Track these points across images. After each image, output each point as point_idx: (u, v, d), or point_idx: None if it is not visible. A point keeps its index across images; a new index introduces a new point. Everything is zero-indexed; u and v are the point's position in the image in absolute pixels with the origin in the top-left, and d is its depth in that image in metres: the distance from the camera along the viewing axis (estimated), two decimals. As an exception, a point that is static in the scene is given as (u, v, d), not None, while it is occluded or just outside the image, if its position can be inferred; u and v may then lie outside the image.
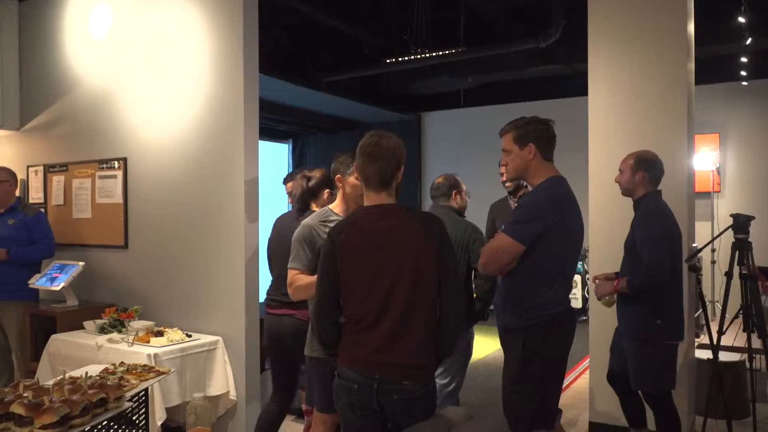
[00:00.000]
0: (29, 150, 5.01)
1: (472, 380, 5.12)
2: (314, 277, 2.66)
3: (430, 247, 2.14)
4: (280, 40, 6.81)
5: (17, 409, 1.70)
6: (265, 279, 3.98)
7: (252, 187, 3.81)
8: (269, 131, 9.18)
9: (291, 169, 10.03)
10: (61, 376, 2.02)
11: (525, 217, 2.49)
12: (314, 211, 3.09)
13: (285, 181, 4.05)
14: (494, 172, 3.86)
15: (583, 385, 4.93)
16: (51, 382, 1.97)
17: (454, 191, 3.54)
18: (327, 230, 2.71)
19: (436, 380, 3.43)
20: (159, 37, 4.16)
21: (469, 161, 8.83)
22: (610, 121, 3.95)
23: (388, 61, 7.07)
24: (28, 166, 4.97)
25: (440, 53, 6.71)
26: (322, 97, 7.84)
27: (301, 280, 2.73)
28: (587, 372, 4.15)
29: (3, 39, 4.92)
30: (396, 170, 2.21)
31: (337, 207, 2.86)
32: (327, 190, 3.35)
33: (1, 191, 4.30)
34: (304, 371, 3.19)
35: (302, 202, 3.42)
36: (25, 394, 1.80)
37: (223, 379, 3.72)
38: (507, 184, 3.79)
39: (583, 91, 4.16)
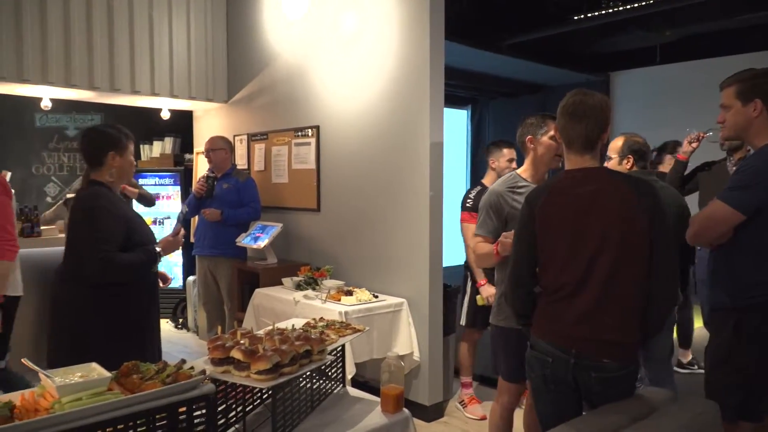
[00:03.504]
0: (235, 120, 5.52)
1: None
2: (493, 246, 2.61)
3: (641, 214, 1.95)
4: (459, 4, 6.68)
5: (236, 354, 1.84)
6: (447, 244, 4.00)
7: (437, 152, 3.82)
8: (448, 97, 9.04)
9: (471, 136, 9.91)
10: (270, 327, 2.20)
11: (746, 183, 2.19)
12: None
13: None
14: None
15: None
16: (262, 332, 2.14)
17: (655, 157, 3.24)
18: (515, 197, 2.63)
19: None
20: (348, 11, 4.29)
21: (665, 124, 8.01)
22: None
23: (575, 18, 6.63)
24: (234, 135, 5.48)
25: (635, 5, 6.13)
26: (503, 60, 7.57)
27: (483, 248, 2.69)
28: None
29: (214, 23, 5.43)
30: (602, 131, 2.04)
31: (525, 172, 2.74)
32: None
33: (219, 158, 4.78)
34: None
35: None
36: (241, 341, 1.96)
37: (407, 340, 3.84)
38: (723, 144, 3.36)
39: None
